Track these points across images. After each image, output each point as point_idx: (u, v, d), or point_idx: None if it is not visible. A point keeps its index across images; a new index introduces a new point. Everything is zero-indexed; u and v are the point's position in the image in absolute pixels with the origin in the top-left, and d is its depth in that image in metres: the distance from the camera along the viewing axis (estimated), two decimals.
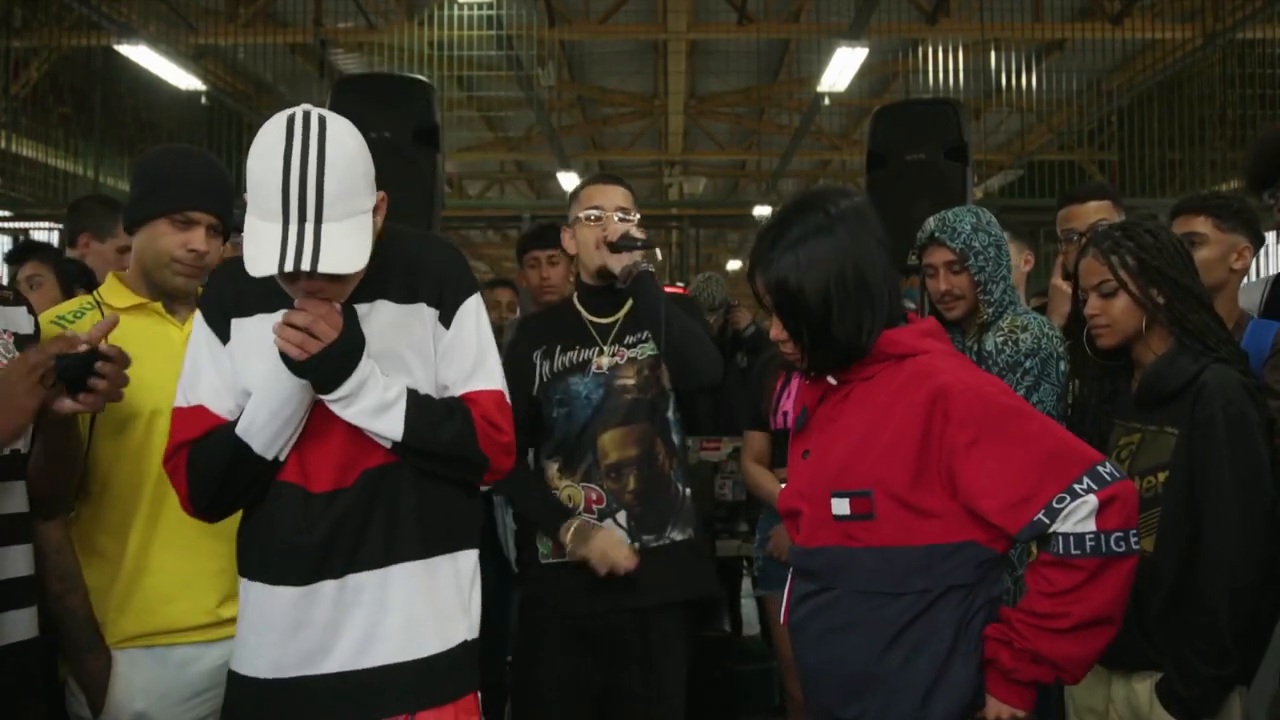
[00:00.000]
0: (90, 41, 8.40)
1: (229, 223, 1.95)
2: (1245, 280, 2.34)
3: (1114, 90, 9.17)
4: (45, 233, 8.24)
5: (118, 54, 7.75)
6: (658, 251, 2.39)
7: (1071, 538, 1.44)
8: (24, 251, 3.02)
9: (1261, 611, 1.82)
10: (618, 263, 2.25)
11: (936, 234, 2.27)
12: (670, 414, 2.32)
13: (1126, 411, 1.99)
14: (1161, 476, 1.87)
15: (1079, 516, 1.43)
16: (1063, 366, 2.21)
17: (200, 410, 1.60)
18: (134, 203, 1.93)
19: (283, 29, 8.69)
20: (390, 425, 1.54)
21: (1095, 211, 2.67)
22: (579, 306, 2.37)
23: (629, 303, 2.31)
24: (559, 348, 2.33)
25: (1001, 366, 2.19)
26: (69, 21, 8.40)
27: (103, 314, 1.83)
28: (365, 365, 1.52)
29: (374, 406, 1.53)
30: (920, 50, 8.77)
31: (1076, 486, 1.43)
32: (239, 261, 1.47)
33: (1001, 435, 1.46)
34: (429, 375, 1.64)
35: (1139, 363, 1.98)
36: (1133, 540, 1.45)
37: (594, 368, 2.29)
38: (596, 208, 2.32)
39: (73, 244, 3.01)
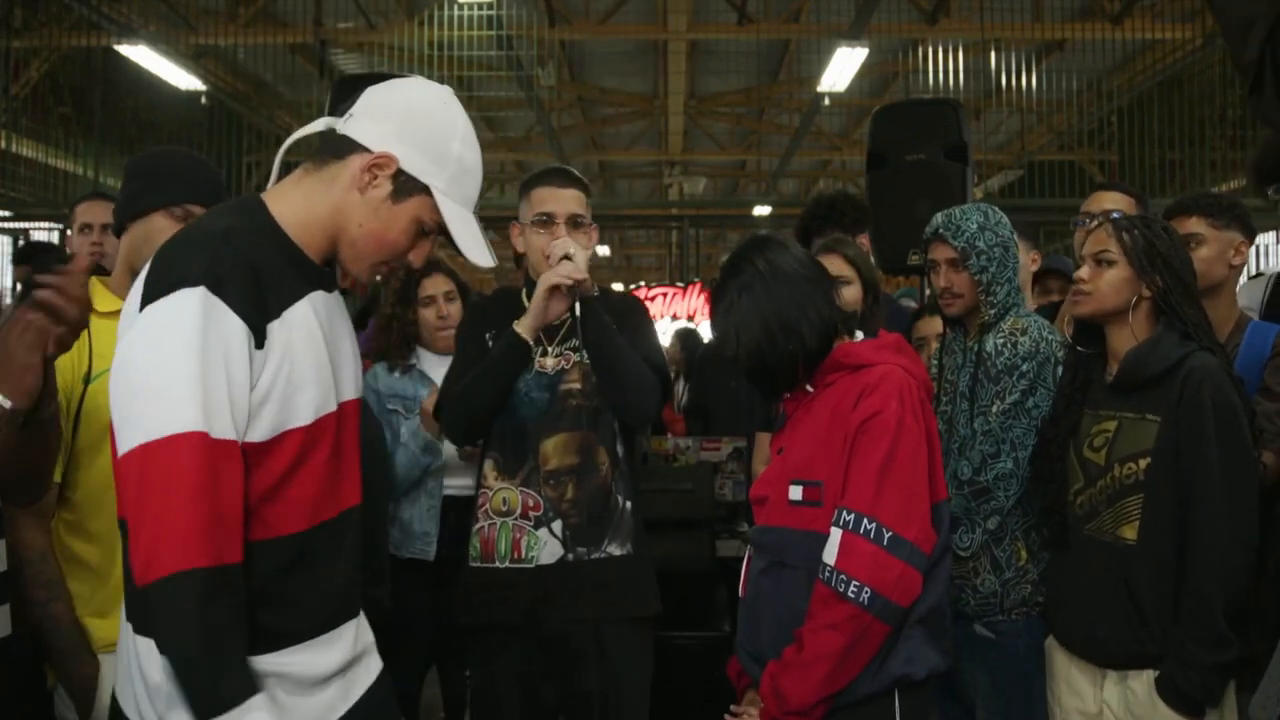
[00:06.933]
0: (90, 41, 8.40)
1: None
2: (1244, 276, 2.34)
3: (1114, 90, 9.18)
4: (45, 233, 8.26)
5: (118, 54, 7.75)
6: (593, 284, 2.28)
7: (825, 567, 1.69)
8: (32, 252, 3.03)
9: (1265, 605, 1.83)
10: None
11: (941, 230, 2.27)
12: (616, 422, 2.25)
13: (1099, 400, 2.01)
14: (1143, 463, 1.89)
15: (833, 542, 1.68)
16: (1060, 370, 2.20)
17: (234, 446, 1.28)
18: (129, 198, 1.92)
19: (283, 29, 8.69)
20: None
21: (1112, 201, 2.69)
22: (526, 303, 2.25)
23: (578, 304, 2.22)
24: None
25: (999, 369, 2.18)
26: (69, 21, 8.40)
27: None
28: None
29: None
30: (920, 50, 8.77)
31: (844, 513, 1.68)
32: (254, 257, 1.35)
33: (874, 445, 1.70)
34: None
35: (1114, 351, 2.00)
36: (864, 595, 1.64)
37: (536, 366, 2.23)
38: (546, 215, 2.22)
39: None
